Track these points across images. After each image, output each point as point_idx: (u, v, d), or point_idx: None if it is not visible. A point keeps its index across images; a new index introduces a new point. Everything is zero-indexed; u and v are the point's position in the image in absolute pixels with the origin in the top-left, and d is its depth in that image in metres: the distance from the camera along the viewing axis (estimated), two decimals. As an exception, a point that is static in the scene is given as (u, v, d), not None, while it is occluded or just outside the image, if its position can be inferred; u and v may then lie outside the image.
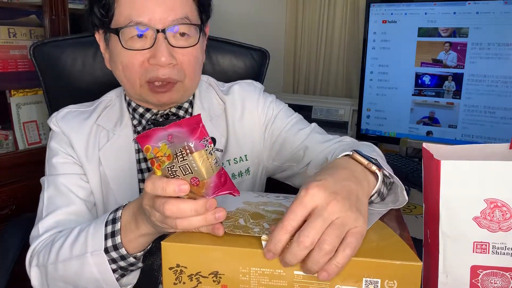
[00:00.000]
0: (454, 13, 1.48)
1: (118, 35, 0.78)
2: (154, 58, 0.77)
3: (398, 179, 0.61)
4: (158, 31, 0.76)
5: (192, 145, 0.50)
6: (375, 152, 0.73)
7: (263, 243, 0.50)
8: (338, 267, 0.47)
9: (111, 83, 0.94)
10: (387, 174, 0.61)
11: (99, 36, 0.86)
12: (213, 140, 0.88)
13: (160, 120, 0.88)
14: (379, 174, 0.59)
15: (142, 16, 0.76)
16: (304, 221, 0.48)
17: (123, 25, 0.77)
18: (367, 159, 0.59)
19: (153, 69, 0.78)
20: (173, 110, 0.89)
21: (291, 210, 0.48)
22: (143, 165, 0.88)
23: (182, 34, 0.80)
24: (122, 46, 0.78)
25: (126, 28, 0.77)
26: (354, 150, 0.60)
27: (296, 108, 1.00)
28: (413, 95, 1.59)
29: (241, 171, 0.91)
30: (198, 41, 0.82)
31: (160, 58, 0.76)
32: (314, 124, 0.93)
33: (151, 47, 0.77)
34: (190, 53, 0.81)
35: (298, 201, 0.49)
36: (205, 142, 0.51)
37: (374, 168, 0.58)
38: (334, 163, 0.60)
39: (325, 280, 0.48)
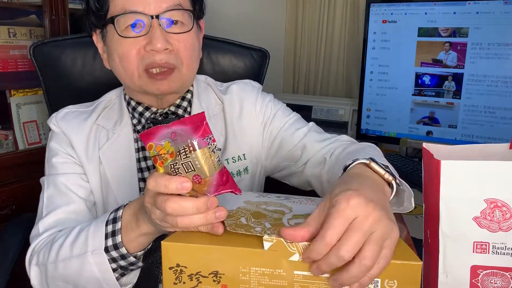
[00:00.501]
0: (454, 13, 1.48)
1: (113, 24, 0.79)
2: (150, 45, 0.78)
3: (407, 185, 0.61)
4: (152, 17, 0.77)
5: (195, 143, 0.50)
6: (382, 157, 0.74)
7: (265, 243, 0.50)
8: (371, 279, 0.47)
9: (111, 83, 0.94)
10: (398, 182, 0.61)
11: (96, 38, 0.87)
12: None
13: (159, 119, 0.88)
14: (394, 184, 0.59)
15: (135, 5, 0.78)
16: None
17: (117, 14, 0.78)
18: (383, 168, 0.59)
19: (149, 56, 0.79)
20: (172, 108, 0.89)
21: (333, 224, 0.47)
22: (143, 164, 0.88)
23: (176, 22, 0.81)
24: (119, 35, 0.78)
25: (121, 16, 0.78)
26: (371, 159, 0.60)
27: (296, 108, 1.00)
28: (413, 95, 1.59)
29: (239, 170, 0.91)
30: (192, 27, 0.83)
31: (155, 44, 0.77)
32: (312, 123, 0.94)
33: (146, 34, 0.78)
34: (185, 40, 0.82)
35: (340, 214, 0.47)
36: (208, 140, 0.51)
37: (390, 178, 0.59)
38: (353, 171, 0.59)
39: None
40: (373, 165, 0.59)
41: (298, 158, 0.88)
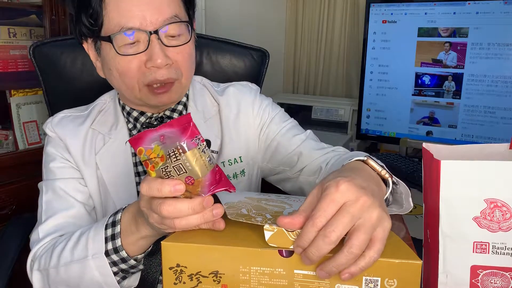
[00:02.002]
0: (454, 13, 1.48)
1: (111, 42, 0.76)
2: (150, 61, 0.76)
3: (405, 185, 0.61)
4: (150, 33, 0.76)
5: (184, 145, 0.50)
6: (377, 160, 0.74)
7: (266, 232, 0.50)
8: (362, 270, 0.47)
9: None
10: (395, 181, 0.61)
11: (87, 46, 0.84)
12: (208, 142, 0.88)
13: (155, 123, 0.88)
14: (390, 181, 0.59)
15: (132, 21, 0.75)
16: None
17: (114, 32, 0.76)
18: (380, 166, 0.60)
19: (151, 72, 0.77)
20: (167, 113, 0.88)
21: (322, 208, 0.48)
22: (140, 168, 0.88)
23: (173, 34, 0.79)
24: (117, 53, 0.76)
25: (119, 35, 0.76)
26: (368, 156, 0.61)
27: (296, 108, 1.00)
28: (413, 95, 1.59)
29: (236, 172, 0.91)
30: (190, 38, 0.81)
31: (156, 60, 0.75)
32: (309, 131, 0.94)
33: (146, 50, 0.76)
34: (184, 51, 0.81)
35: (329, 198, 0.48)
36: (197, 141, 0.51)
37: (387, 175, 0.59)
38: (349, 165, 0.60)
39: (346, 279, 0.48)
40: (370, 161, 0.59)
41: (294, 164, 0.89)
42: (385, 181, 0.60)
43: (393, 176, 0.60)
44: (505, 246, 0.52)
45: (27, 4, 1.59)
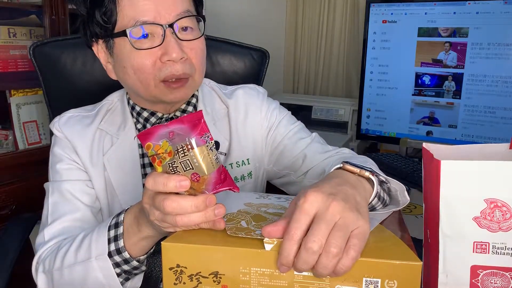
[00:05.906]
0: (454, 13, 1.48)
1: (127, 36, 0.76)
2: (166, 55, 0.76)
3: (397, 181, 0.61)
4: (165, 26, 0.76)
5: (193, 141, 0.51)
6: (368, 162, 0.74)
7: (266, 245, 0.50)
8: (343, 269, 0.47)
9: (112, 84, 0.93)
10: (384, 179, 0.61)
11: (97, 48, 0.84)
12: (217, 144, 0.88)
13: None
14: (374, 178, 0.59)
15: (146, 15, 0.76)
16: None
17: (129, 27, 0.76)
18: (358, 167, 0.59)
19: (166, 67, 0.77)
20: (178, 114, 0.88)
21: (294, 220, 0.48)
22: (148, 170, 0.87)
23: (186, 28, 0.79)
24: (133, 46, 0.76)
25: (134, 28, 0.76)
26: (344, 162, 0.61)
27: (296, 108, 1.01)
28: (413, 95, 1.59)
29: (243, 174, 0.91)
30: (203, 33, 0.82)
31: (171, 54, 0.76)
32: (315, 134, 0.94)
33: (161, 44, 0.77)
34: (197, 46, 0.81)
35: (299, 210, 0.49)
36: (206, 138, 0.51)
37: (367, 174, 0.59)
38: (326, 176, 0.60)
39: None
40: (347, 166, 0.60)
41: (298, 167, 0.89)
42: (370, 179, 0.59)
43: (381, 174, 0.60)
44: (505, 246, 0.52)
45: (27, 4, 1.59)
